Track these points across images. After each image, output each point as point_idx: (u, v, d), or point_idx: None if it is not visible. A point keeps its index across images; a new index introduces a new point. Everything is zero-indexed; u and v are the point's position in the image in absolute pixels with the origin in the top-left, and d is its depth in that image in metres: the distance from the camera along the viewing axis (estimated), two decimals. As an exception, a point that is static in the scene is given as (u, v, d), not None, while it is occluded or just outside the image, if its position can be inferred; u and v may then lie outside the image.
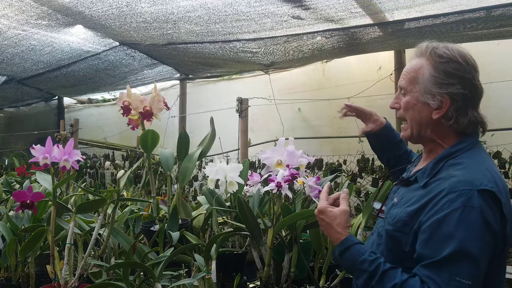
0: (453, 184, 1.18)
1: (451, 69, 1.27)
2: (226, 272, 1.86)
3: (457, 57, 1.28)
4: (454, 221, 1.12)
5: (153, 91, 2.05)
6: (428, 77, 1.29)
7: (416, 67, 1.32)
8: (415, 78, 1.32)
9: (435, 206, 1.17)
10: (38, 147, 1.67)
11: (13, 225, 2.00)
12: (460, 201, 1.14)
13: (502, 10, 2.71)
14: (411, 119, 1.35)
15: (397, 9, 2.88)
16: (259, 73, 5.01)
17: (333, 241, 1.33)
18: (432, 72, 1.28)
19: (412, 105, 1.33)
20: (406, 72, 1.35)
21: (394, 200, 1.35)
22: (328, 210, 1.34)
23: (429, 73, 1.29)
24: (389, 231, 1.29)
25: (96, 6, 3.11)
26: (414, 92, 1.32)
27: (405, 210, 1.25)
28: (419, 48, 1.34)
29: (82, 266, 1.67)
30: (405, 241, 1.24)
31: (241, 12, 3.07)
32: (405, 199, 1.30)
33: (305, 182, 1.81)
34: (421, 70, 1.31)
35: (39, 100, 6.74)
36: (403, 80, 1.36)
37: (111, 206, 1.77)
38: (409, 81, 1.33)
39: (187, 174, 2.05)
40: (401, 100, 1.37)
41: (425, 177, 1.28)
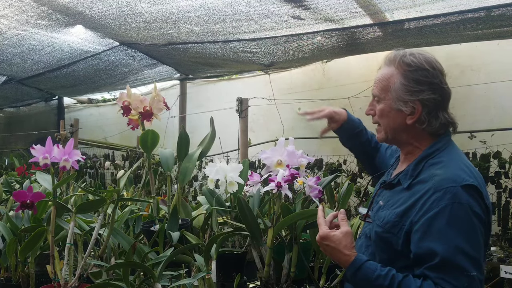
0: (437, 183, 1.24)
1: (419, 77, 1.33)
2: (226, 272, 1.86)
3: (424, 64, 1.34)
4: (446, 218, 1.19)
5: (153, 91, 2.05)
6: (399, 86, 1.35)
7: (387, 76, 1.38)
8: (387, 86, 1.38)
9: (423, 205, 1.23)
10: (38, 147, 1.67)
11: (13, 225, 2.00)
12: (447, 198, 1.20)
13: (502, 10, 2.71)
14: (386, 125, 1.41)
15: (397, 9, 2.88)
16: (259, 73, 5.01)
17: (342, 264, 1.31)
18: (403, 81, 1.35)
19: (386, 112, 1.39)
20: (378, 80, 1.41)
21: (380, 203, 1.40)
22: (331, 235, 1.31)
23: (399, 82, 1.35)
24: (379, 232, 1.33)
25: (96, 6, 3.11)
26: (387, 100, 1.38)
27: (393, 212, 1.31)
28: (388, 57, 1.41)
29: (82, 266, 1.67)
30: (395, 241, 1.29)
31: (241, 12, 3.07)
32: (391, 201, 1.36)
33: (305, 182, 1.81)
34: (392, 79, 1.37)
35: (39, 100, 6.75)
36: (376, 89, 1.42)
37: (111, 206, 1.77)
38: (381, 89, 1.40)
39: (187, 174, 2.05)
40: (375, 107, 1.43)
41: (407, 179, 1.34)
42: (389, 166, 1.61)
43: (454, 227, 1.18)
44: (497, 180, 3.12)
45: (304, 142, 3.97)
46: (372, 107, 1.45)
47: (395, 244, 1.28)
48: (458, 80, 3.56)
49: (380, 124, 1.43)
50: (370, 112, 1.46)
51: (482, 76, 3.66)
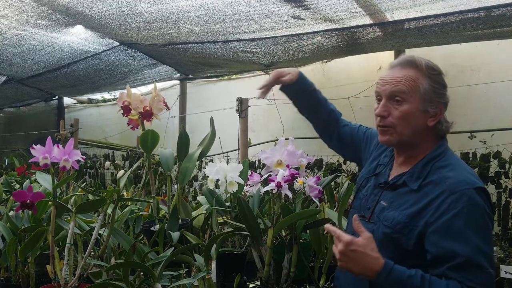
0: (452, 185, 1.28)
1: (441, 81, 1.40)
2: (226, 272, 1.86)
3: (440, 70, 1.42)
4: (464, 220, 1.23)
5: (153, 91, 2.05)
6: (430, 88, 1.37)
7: (413, 77, 1.38)
8: (415, 87, 1.37)
9: (440, 207, 1.27)
10: (38, 147, 1.67)
11: (13, 225, 2.00)
12: (463, 200, 1.25)
13: (502, 10, 2.71)
14: (405, 126, 1.39)
15: (397, 9, 2.88)
16: (259, 73, 5.01)
17: (370, 269, 1.25)
18: (431, 83, 1.38)
19: (411, 114, 1.38)
20: (400, 80, 1.39)
21: (383, 204, 1.42)
22: (356, 241, 1.26)
23: (428, 84, 1.38)
24: (388, 233, 1.35)
25: (96, 6, 3.11)
26: (413, 101, 1.37)
27: (404, 213, 1.33)
28: (405, 60, 1.42)
29: (82, 266, 1.67)
30: (405, 241, 1.31)
31: (241, 12, 3.07)
32: (397, 202, 1.38)
33: (305, 182, 1.81)
34: (419, 80, 1.38)
35: (39, 100, 6.74)
36: (404, 87, 1.38)
37: (111, 206, 1.77)
38: (408, 89, 1.38)
39: (187, 174, 2.05)
40: (391, 109, 1.40)
41: (414, 180, 1.37)
42: (368, 153, 1.65)
43: (472, 228, 1.23)
44: (497, 180, 3.12)
45: (304, 142, 3.96)
46: (387, 108, 1.41)
47: (405, 244, 1.31)
48: (458, 80, 3.56)
49: (394, 126, 1.40)
50: (383, 113, 1.41)
51: (482, 76, 3.66)
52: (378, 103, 1.45)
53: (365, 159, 1.71)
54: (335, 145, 1.88)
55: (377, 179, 1.52)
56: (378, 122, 1.44)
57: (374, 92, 1.48)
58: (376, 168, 1.58)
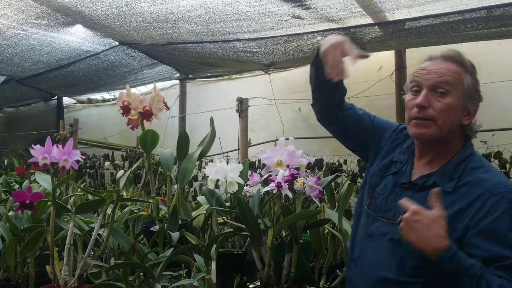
0: (491, 188, 1.26)
1: (478, 79, 1.37)
2: (226, 272, 1.85)
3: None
4: (508, 222, 1.21)
5: (152, 91, 2.04)
6: (472, 84, 1.34)
7: (456, 70, 1.34)
8: (459, 80, 1.33)
9: (480, 210, 1.24)
10: (38, 147, 1.67)
11: (13, 225, 1.99)
12: (504, 202, 1.23)
13: (502, 9, 2.71)
14: (445, 120, 1.32)
15: (398, 9, 2.88)
16: (259, 73, 5.00)
17: (435, 246, 1.19)
18: (473, 80, 1.35)
19: (453, 108, 1.32)
20: (448, 72, 1.33)
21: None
22: (423, 211, 1.20)
23: (471, 80, 1.35)
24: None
25: (96, 6, 3.10)
26: (456, 95, 1.32)
27: None
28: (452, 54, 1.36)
29: (82, 266, 1.66)
30: None
31: (241, 12, 3.07)
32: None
33: (305, 182, 1.81)
34: (462, 75, 1.34)
35: (39, 100, 6.73)
36: (450, 78, 1.32)
37: (110, 206, 1.76)
38: (454, 82, 1.33)
39: (187, 174, 2.05)
40: (432, 100, 1.32)
41: (446, 181, 1.31)
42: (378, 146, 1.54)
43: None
44: (498, 180, 3.11)
45: (304, 142, 3.96)
46: (428, 99, 1.33)
47: None
48: (459, 80, 3.55)
49: (435, 119, 1.32)
50: (425, 103, 1.32)
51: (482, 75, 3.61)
52: (413, 94, 1.37)
53: (374, 152, 1.59)
54: (334, 129, 1.69)
55: (397, 178, 1.44)
56: (415, 113, 1.34)
57: (410, 82, 1.39)
58: (390, 166, 1.50)
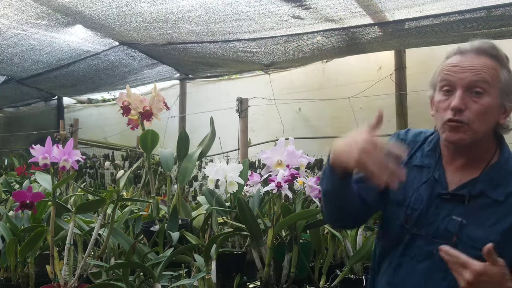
0: None
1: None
2: (226, 272, 1.86)
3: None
4: None
5: (152, 91, 2.05)
6: (509, 79, 1.20)
7: (493, 66, 1.18)
8: (496, 76, 1.18)
9: None
10: (38, 147, 1.67)
11: (13, 225, 1.99)
12: None
13: (502, 10, 2.71)
14: (483, 123, 1.18)
15: (398, 9, 2.88)
16: (259, 73, 5.00)
17: None
18: (509, 74, 1.20)
19: (492, 108, 1.18)
20: (484, 68, 1.17)
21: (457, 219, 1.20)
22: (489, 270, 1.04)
23: (507, 75, 1.20)
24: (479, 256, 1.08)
25: (96, 6, 3.11)
26: (494, 93, 1.18)
27: (495, 230, 1.16)
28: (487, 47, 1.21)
29: (82, 266, 1.66)
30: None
31: (241, 12, 3.07)
32: (479, 217, 1.18)
33: (305, 182, 1.81)
34: (499, 70, 1.19)
35: (39, 100, 6.73)
36: (487, 75, 1.17)
37: (110, 206, 1.76)
38: (492, 80, 1.17)
39: (187, 174, 2.05)
40: (468, 102, 1.17)
41: (494, 188, 1.19)
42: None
43: None
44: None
45: (304, 142, 3.96)
46: (465, 100, 1.17)
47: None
48: (458, 80, 3.55)
49: (470, 123, 1.17)
50: (462, 106, 1.16)
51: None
52: (445, 94, 1.21)
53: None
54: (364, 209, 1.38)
55: (431, 187, 1.27)
56: (450, 116, 1.18)
57: (440, 80, 1.23)
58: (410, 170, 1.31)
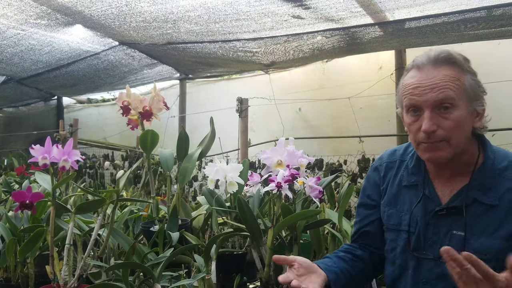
0: None
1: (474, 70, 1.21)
2: (226, 272, 1.85)
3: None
4: None
5: (152, 91, 2.04)
6: (473, 83, 1.17)
7: (456, 75, 1.15)
8: (461, 86, 1.15)
9: None
10: (37, 147, 1.66)
11: (12, 225, 1.99)
12: None
13: (503, 9, 2.70)
14: (460, 136, 1.16)
15: (398, 9, 2.87)
16: (259, 73, 5.00)
17: None
18: (472, 77, 1.18)
19: (463, 119, 1.15)
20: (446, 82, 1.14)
21: (456, 233, 1.18)
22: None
23: (471, 79, 1.17)
24: (492, 267, 1.04)
25: (96, 6, 3.10)
26: (463, 104, 1.15)
27: (496, 237, 1.14)
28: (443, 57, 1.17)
29: (82, 266, 1.66)
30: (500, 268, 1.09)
31: (241, 12, 3.06)
32: (478, 226, 1.16)
33: (305, 183, 1.80)
34: (462, 77, 1.16)
35: (38, 100, 6.74)
36: (451, 91, 1.13)
37: (110, 207, 1.76)
38: (457, 90, 1.14)
39: (187, 174, 2.04)
40: (439, 120, 1.14)
41: (485, 193, 1.17)
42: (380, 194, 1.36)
43: None
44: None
45: (304, 142, 3.96)
46: (436, 120, 1.14)
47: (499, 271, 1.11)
48: (459, 80, 3.54)
49: (448, 139, 1.15)
50: (433, 127, 1.13)
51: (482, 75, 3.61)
52: (413, 115, 1.18)
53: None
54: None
55: (424, 205, 1.24)
56: (424, 138, 1.16)
57: (404, 102, 1.20)
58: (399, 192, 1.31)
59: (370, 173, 1.45)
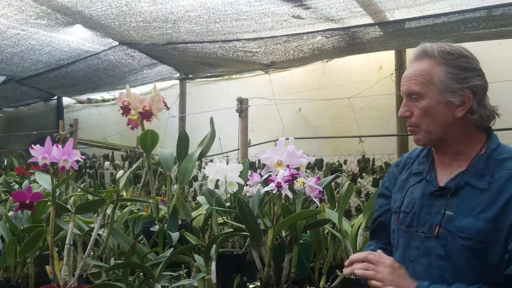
0: None
1: (463, 63, 1.27)
2: (226, 272, 1.85)
3: (463, 51, 1.29)
4: None
5: (152, 91, 2.04)
6: (446, 75, 1.26)
7: (426, 69, 1.28)
8: (429, 79, 1.27)
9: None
10: (37, 147, 1.66)
11: (12, 225, 1.99)
12: None
13: (502, 9, 2.70)
14: (431, 124, 1.29)
15: (398, 9, 2.88)
16: (259, 73, 5.00)
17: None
18: (448, 69, 1.26)
19: (432, 109, 1.27)
20: (416, 76, 1.29)
21: (449, 213, 1.26)
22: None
23: (445, 72, 1.26)
24: (469, 246, 1.20)
25: (96, 6, 3.10)
26: (431, 94, 1.27)
27: (481, 218, 1.20)
28: (420, 51, 1.31)
29: (82, 266, 1.66)
30: (492, 251, 1.18)
31: (241, 12, 3.06)
32: (466, 208, 1.24)
33: (305, 183, 1.80)
34: (433, 70, 1.27)
35: (39, 100, 6.74)
36: (415, 85, 1.29)
37: (110, 207, 1.76)
38: (422, 84, 1.28)
39: (187, 174, 2.04)
40: (412, 107, 1.31)
41: (479, 178, 1.24)
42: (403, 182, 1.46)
43: None
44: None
45: (304, 142, 3.96)
46: (408, 107, 1.32)
47: (492, 255, 1.18)
48: (459, 80, 3.55)
49: (419, 125, 1.31)
50: (405, 113, 1.32)
51: (482, 76, 3.66)
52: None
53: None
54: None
55: (423, 188, 1.36)
56: (406, 123, 1.37)
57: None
58: (408, 179, 1.43)
59: (391, 168, 1.58)
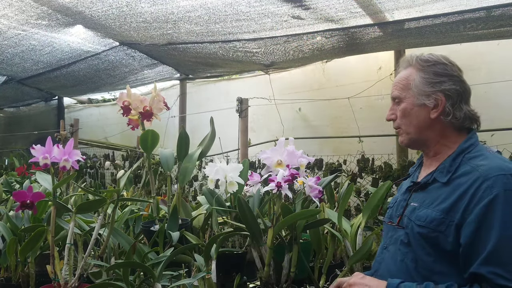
0: (485, 172, 1.23)
1: (439, 70, 1.38)
2: (226, 272, 1.86)
3: (441, 59, 1.40)
4: (501, 205, 1.17)
5: (153, 91, 2.05)
6: (420, 80, 1.39)
7: (406, 76, 1.42)
8: (407, 85, 1.41)
9: (474, 195, 1.21)
10: (38, 147, 1.67)
11: (13, 225, 2.00)
12: (498, 185, 1.19)
13: (502, 10, 2.70)
14: (409, 125, 1.42)
15: (397, 9, 2.88)
16: (259, 73, 5.01)
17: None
18: (422, 75, 1.39)
19: (409, 110, 1.41)
20: (397, 82, 1.44)
21: (413, 205, 1.38)
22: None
23: (419, 77, 1.39)
24: (424, 233, 1.30)
25: (96, 6, 3.11)
26: (409, 98, 1.40)
27: (437, 209, 1.29)
28: (403, 60, 1.46)
29: (82, 266, 1.67)
30: (443, 240, 1.26)
31: (241, 12, 3.07)
32: (428, 200, 1.34)
33: (305, 182, 1.81)
34: (411, 76, 1.41)
35: (39, 100, 6.74)
36: (396, 91, 1.44)
37: (111, 206, 1.77)
38: (401, 89, 1.42)
39: (187, 174, 2.05)
40: (396, 111, 1.44)
41: (445, 174, 1.33)
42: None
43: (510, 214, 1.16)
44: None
45: (304, 142, 3.97)
46: (393, 111, 1.46)
47: (443, 243, 1.26)
48: (458, 80, 3.55)
49: (400, 126, 1.44)
50: (391, 117, 1.47)
51: (482, 76, 3.65)
52: None
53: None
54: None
55: (407, 185, 1.50)
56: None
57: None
58: (404, 182, 1.57)
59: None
